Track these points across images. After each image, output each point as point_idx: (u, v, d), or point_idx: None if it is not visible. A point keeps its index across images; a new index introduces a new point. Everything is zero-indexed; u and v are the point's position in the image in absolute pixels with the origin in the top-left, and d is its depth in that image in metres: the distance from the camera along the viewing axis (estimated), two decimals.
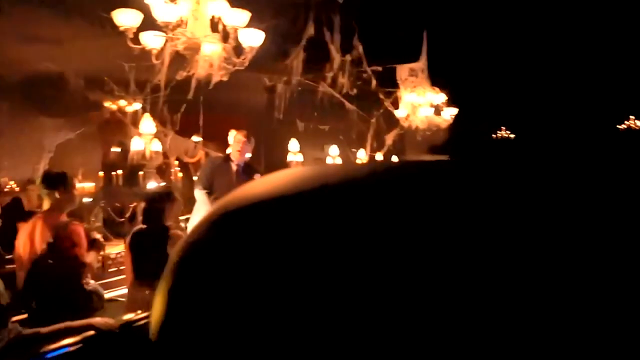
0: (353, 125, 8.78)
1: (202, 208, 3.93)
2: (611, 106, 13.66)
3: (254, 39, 4.11)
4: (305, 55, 7.21)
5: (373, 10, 7.58)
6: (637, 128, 13.74)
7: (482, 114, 12.55)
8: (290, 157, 8.33)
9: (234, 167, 4.08)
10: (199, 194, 4.00)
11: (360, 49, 7.48)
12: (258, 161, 6.63)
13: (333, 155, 9.06)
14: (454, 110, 8.19)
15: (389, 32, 7.70)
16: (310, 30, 6.94)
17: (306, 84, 7.94)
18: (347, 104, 8.30)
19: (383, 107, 8.42)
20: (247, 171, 4.06)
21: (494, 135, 15.35)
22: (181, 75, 4.27)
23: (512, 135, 15.62)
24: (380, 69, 7.80)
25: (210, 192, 3.96)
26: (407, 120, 8.07)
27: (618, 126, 13.79)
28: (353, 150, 9.23)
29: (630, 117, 14.13)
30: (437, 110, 8.11)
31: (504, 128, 15.76)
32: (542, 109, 13.51)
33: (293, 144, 8.43)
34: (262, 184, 0.36)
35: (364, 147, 8.71)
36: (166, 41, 3.99)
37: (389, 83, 8.26)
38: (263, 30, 4.19)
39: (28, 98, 7.19)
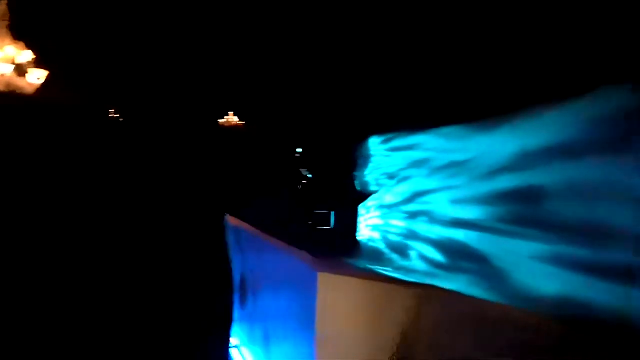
0: None
1: None
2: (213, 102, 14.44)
3: None
4: None
5: None
6: (233, 124, 14.93)
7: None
8: None
9: None
10: None
11: None
12: None
13: None
14: (42, 73, 6.11)
15: None
16: None
17: None
18: None
19: None
20: None
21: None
22: None
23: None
24: None
25: None
26: None
27: (219, 120, 14.80)
28: None
29: (230, 112, 15.36)
30: (21, 71, 6.17)
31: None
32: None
33: None
34: None
35: None
36: None
37: None
38: None
39: None
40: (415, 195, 10.82)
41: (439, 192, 9.84)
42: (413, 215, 10.64)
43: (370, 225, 12.62)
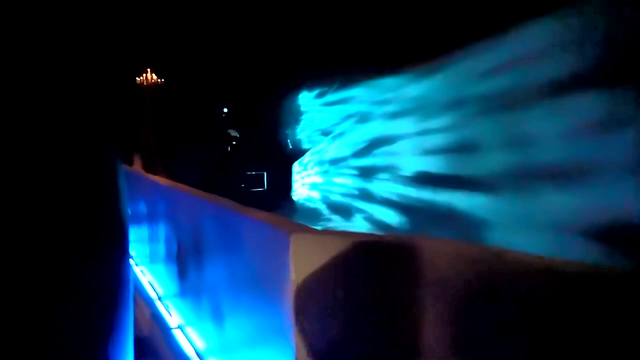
0: None
1: None
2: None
3: None
4: None
5: None
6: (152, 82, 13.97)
7: None
8: None
9: None
10: None
11: None
12: None
13: None
14: None
15: None
16: None
17: None
18: None
19: None
20: None
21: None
22: None
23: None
24: None
25: None
26: None
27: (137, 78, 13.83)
28: None
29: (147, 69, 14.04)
30: None
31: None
32: None
33: None
34: None
35: None
36: None
37: None
38: None
39: None
40: (356, 151, 10.41)
41: (382, 146, 9.49)
42: (356, 172, 10.28)
43: (307, 184, 12.11)
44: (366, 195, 9.80)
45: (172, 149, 13.46)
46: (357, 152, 10.20)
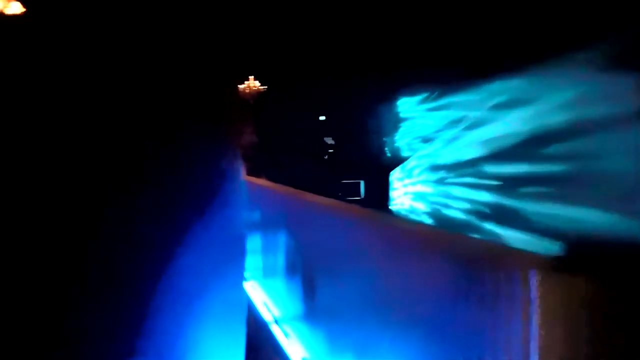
0: None
1: None
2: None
3: None
4: None
5: None
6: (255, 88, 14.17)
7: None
8: None
9: None
10: None
11: None
12: None
13: None
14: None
15: None
16: None
17: None
18: None
19: None
20: None
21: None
22: None
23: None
24: None
25: None
26: None
27: (240, 86, 13.98)
28: None
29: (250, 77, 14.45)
30: None
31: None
32: None
33: None
34: None
35: None
36: None
37: None
38: None
39: None
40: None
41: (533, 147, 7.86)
42: (493, 183, 8.17)
43: (410, 193, 11.39)
44: (506, 216, 7.18)
45: (270, 156, 13.54)
46: (493, 155, 8.18)
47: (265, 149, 14.14)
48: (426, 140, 12.03)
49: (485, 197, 7.67)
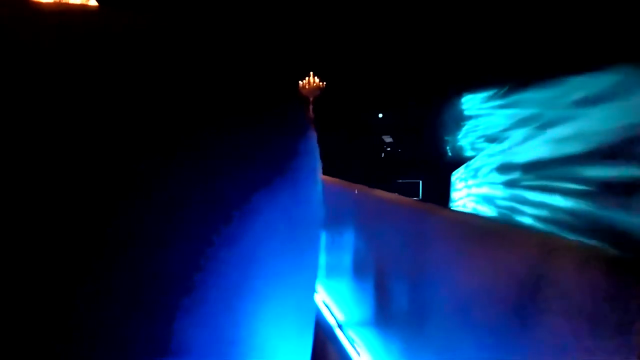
0: None
1: None
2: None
3: None
4: None
5: None
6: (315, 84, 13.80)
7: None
8: None
9: None
10: None
11: None
12: None
13: None
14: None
15: None
16: None
17: None
18: None
19: None
20: None
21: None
22: None
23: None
24: None
25: None
26: None
27: (300, 81, 13.77)
28: None
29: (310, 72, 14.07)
30: None
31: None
32: None
33: None
34: None
35: None
36: None
37: None
38: None
39: None
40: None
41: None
42: (587, 188, 6.90)
43: (474, 195, 10.72)
44: (589, 225, 6.11)
45: (323, 154, 13.33)
46: (575, 156, 7.04)
47: (320, 146, 13.95)
48: (492, 139, 11.37)
49: (564, 203, 6.86)
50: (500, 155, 9.62)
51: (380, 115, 15.71)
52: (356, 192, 2.94)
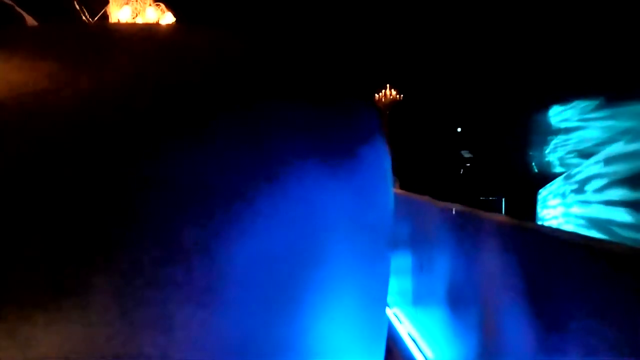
0: None
1: None
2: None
3: None
4: None
5: None
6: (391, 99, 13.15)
7: None
8: None
9: None
10: None
11: None
12: None
13: None
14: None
15: None
16: None
17: None
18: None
19: None
20: None
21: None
22: None
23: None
24: None
25: None
26: None
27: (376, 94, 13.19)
28: None
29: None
30: None
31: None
32: None
33: None
34: None
35: None
36: None
37: None
38: None
39: None
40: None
41: None
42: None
43: (570, 214, 9.80)
44: None
45: (400, 169, 12.95)
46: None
47: (396, 161, 13.60)
48: (585, 154, 10.45)
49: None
50: (594, 172, 8.65)
51: (459, 130, 15.10)
52: (454, 211, 2.62)
